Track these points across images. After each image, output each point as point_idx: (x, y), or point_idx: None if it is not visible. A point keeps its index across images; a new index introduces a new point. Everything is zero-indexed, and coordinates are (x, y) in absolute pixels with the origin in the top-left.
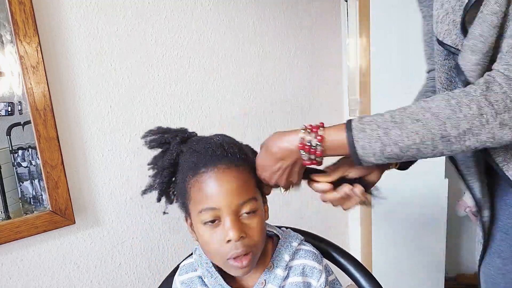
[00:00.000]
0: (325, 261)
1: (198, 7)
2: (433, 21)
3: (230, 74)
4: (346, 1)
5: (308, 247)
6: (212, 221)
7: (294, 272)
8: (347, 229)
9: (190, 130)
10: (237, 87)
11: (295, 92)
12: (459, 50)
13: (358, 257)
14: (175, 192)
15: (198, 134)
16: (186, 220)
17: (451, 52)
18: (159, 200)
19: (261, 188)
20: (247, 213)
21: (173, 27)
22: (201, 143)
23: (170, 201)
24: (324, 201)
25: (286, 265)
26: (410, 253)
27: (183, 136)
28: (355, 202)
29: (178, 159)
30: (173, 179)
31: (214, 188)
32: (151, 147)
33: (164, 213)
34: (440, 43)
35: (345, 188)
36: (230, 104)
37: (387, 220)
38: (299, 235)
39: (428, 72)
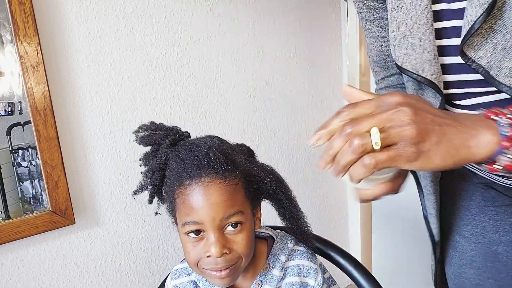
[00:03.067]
0: (319, 259)
1: (198, 7)
2: (390, 45)
3: (230, 74)
4: (346, 1)
5: (302, 247)
6: (196, 233)
7: (290, 273)
8: (347, 229)
9: (190, 130)
10: (237, 87)
11: (295, 92)
12: (420, 76)
13: (358, 257)
14: (165, 194)
15: (197, 135)
16: (174, 224)
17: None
18: (150, 201)
19: (252, 197)
20: (233, 226)
21: (173, 27)
22: (188, 150)
23: (163, 201)
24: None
25: (282, 265)
26: (410, 253)
27: (174, 138)
28: None
29: (166, 164)
30: (164, 180)
31: (197, 202)
32: (140, 144)
33: (156, 213)
34: (399, 68)
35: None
36: (230, 104)
37: (387, 220)
38: (293, 237)
39: (378, 84)
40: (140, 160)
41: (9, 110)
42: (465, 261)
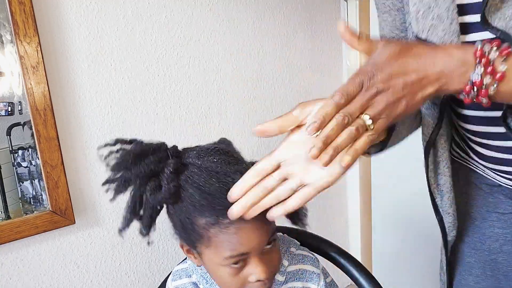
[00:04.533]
0: (321, 264)
1: (198, 7)
2: (410, 18)
3: (230, 74)
4: (346, 1)
5: (305, 252)
6: (237, 263)
7: (292, 278)
8: (347, 229)
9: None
10: (237, 87)
11: (295, 92)
12: None
13: (358, 257)
14: (173, 219)
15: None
16: (182, 246)
17: None
18: (146, 234)
19: None
20: (269, 244)
21: (173, 27)
22: (212, 180)
23: (148, 232)
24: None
25: (285, 270)
26: (410, 253)
27: (175, 162)
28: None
29: (178, 196)
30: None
31: (245, 238)
32: (120, 182)
33: (149, 243)
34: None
35: None
36: (230, 104)
37: (387, 221)
38: (296, 241)
39: None
40: (103, 184)
41: (9, 110)
42: (464, 267)
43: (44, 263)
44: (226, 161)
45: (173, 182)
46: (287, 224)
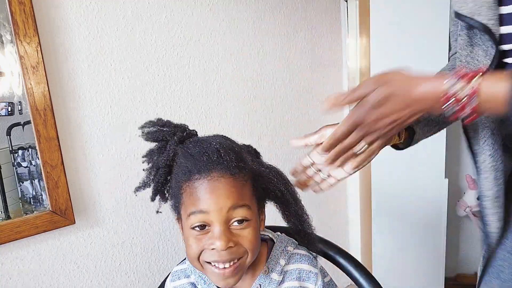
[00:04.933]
0: (320, 263)
1: (198, 7)
2: None
3: (230, 74)
4: (346, 1)
5: (303, 251)
6: (201, 227)
7: (290, 277)
8: (347, 229)
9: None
10: (237, 87)
11: (295, 92)
12: (475, 20)
13: (358, 257)
14: (169, 191)
15: (198, 135)
16: (178, 221)
17: (470, 27)
18: (153, 199)
19: (259, 197)
20: (239, 221)
21: (173, 27)
22: (198, 146)
23: (164, 200)
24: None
25: (282, 269)
26: (410, 253)
27: (182, 135)
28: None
29: (173, 161)
30: (168, 178)
31: (205, 193)
32: (147, 139)
33: (157, 212)
34: (457, 15)
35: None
36: (230, 104)
37: (387, 220)
38: (294, 240)
39: (452, 55)
40: (143, 156)
41: (9, 110)
42: (493, 269)
43: (44, 263)
44: (221, 138)
45: (173, 147)
46: (286, 224)
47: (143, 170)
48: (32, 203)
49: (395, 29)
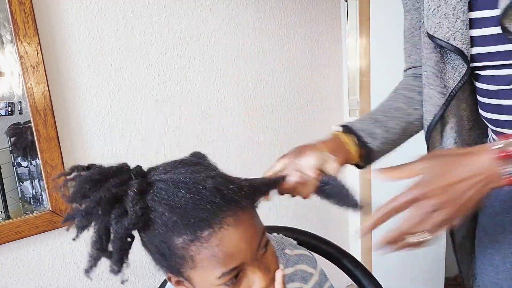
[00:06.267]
0: (320, 266)
1: (198, 7)
2: (423, 14)
3: (230, 74)
4: (346, 1)
5: (302, 251)
6: (236, 277)
7: (289, 280)
8: (347, 229)
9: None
10: (237, 87)
11: (295, 92)
12: (450, 44)
13: (358, 257)
14: (150, 248)
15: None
16: (170, 279)
17: (441, 46)
18: (118, 271)
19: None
20: (264, 248)
21: (173, 27)
22: (181, 192)
23: (121, 268)
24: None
25: None
26: (410, 253)
27: (139, 184)
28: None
29: (147, 219)
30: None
31: (232, 247)
32: (87, 211)
33: (123, 282)
34: (431, 37)
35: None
36: (230, 104)
37: (387, 220)
38: (292, 240)
39: (405, 70)
40: (68, 219)
41: (9, 110)
42: (486, 258)
43: (44, 263)
44: (195, 171)
45: (139, 204)
46: (286, 224)
47: (73, 239)
48: (32, 203)
49: (395, 29)
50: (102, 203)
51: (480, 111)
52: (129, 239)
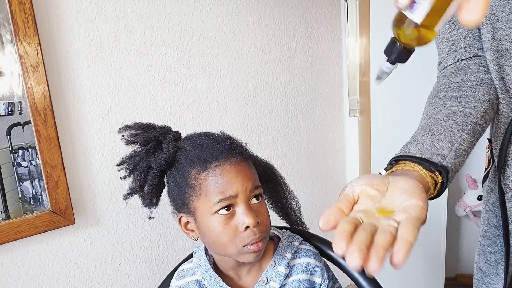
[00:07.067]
0: (323, 259)
1: (198, 7)
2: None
3: (230, 74)
4: (346, 1)
5: (308, 246)
6: (227, 209)
7: (297, 270)
8: None
9: (190, 130)
10: (237, 87)
11: (295, 92)
12: None
13: None
14: (169, 189)
15: None
16: (180, 220)
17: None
18: (149, 204)
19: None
20: (257, 199)
21: (173, 27)
22: (202, 138)
23: (157, 203)
24: None
25: (288, 263)
26: (410, 253)
27: (175, 133)
28: None
29: (175, 157)
30: (168, 174)
31: (231, 178)
32: (134, 143)
33: (150, 218)
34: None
35: None
36: (230, 104)
37: None
38: (298, 236)
39: (443, 68)
40: (121, 163)
41: (9, 110)
42: None
43: (44, 263)
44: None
45: (172, 144)
46: (286, 224)
47: (122, 178)
48: (32, 203)
49: None
50: (148, 142)
51: None
52: (157, 173)
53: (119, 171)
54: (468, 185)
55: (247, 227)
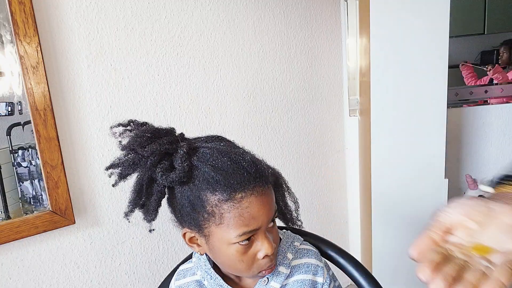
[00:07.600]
0: (323, 258)
1: (198, 7)
2: None
3: (230, 74)
4: (346, 1)
5: (309, 246)
6: (248, 239)
7: (298, 271)
8: (347, 229)
9: (190, 130)
10: (237, 87)
11: (295, 92)
12: None
13: (358, 257)
14: (177, 206)
15: (198, 135)
16: (184, 235)
17: None
18: (153, 219)
19: None
20: (272, 221)
21: (173, 27)
22: (225, 160)
23: (156, 215)
24: None
25: (289, 263)
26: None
27: (190, 147)
28: None
29: (189, 175)
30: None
31: (258, 210)
32: (129, 149)
33: (151, 230)
34: None
35: None
36: (230, 104)
37: (387, 220)
38: (299, 236)
39: None
40: (113, 167)
41: (9, 110)
42: None
43: (44, 263)
44: (233, 145)
45: (187, 162)
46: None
47: (113, 185)
48: (32, 203)
49: (395, 29)
50: (154, 155)
51: None
52: (163, 191)
53: (110, 176)
54: (468, 185)
55: (266, 256)
